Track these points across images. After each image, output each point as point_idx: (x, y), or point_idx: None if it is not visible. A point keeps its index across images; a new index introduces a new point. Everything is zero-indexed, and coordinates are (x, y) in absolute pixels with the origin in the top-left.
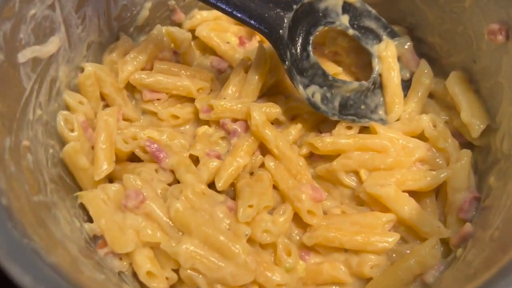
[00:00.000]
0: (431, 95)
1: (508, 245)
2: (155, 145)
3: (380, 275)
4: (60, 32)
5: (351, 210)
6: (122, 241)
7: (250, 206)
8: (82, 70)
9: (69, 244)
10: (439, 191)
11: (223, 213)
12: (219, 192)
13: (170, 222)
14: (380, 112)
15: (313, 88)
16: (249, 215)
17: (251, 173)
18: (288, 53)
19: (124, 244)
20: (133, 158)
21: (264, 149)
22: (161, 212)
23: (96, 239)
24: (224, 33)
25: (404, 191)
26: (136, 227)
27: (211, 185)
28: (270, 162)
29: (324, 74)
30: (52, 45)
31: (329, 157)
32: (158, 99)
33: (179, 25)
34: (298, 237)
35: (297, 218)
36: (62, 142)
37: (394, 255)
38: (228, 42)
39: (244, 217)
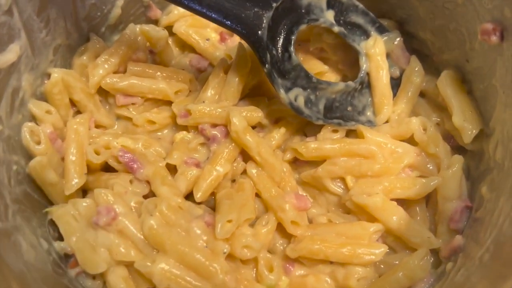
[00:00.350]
0: (422, 94)
1: (497, 277)
2: (129, 155)
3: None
4: (21, 38)
5: (338, 218)
6: (94, 260)
7: (229, 221)
8: (49, 76)
9: (31, 274)
10: (429, 198)
11: (200, 229)
12: (198, 202)
13: (145, 239)
14: (368, 114)
15: (296, 91)
16: (227, 232)
17: (233, 180)
18: (268, 55)
19: (96, 264)
20: (108, 166)
21: (246, 155)
22: (134, 229)
23: (68, 258)
24: (203, 29)
25: (392, 199)
26: (109, 245)
27: (190, 194)
28: (252, 170)
29: (308, 76)
30: (11, 54)
31: (315, 162)
32: (133, 104)
33: (156, 22)
34: (282, 247)
35: (281, 227)
36: (28, 156)
37: (382, 266)
38: (208, 39)
39: (222, 234)
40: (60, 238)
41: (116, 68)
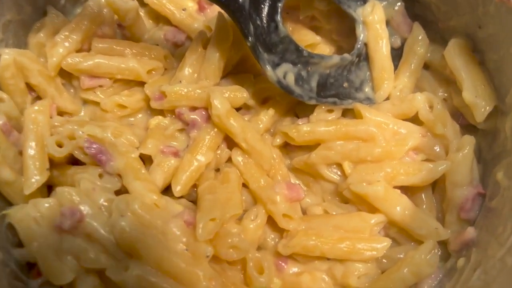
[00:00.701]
0: (426, 66)
1: None
2: (96, 146)
3: (369, 286)
4: None
5: (334, 208)
6: (59, 269)
7: (212, 220)
8: None
9: None
10: (436, 183)
11: (179, 229)
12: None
13: (116, 243)
14: (367, 90)
15: (285, 67)
16: (210, 232)
17: (217, 170)
18: (251, 25)
19: (62, 273)
20: (76, 158)
21: (230, 141)
22: (104, 232)
23: (30, 268)
24: None
25: (395, 187)
26: (76, 251)
27: (169, 188)
28: (238, 157)
29: (298, 49)
30: None
31: (308, 147)
32: (100, 86)
33: None
34: (273, 242)
35: (272, 220)
36: None
37: (384, 260)
38: (184, 9)
39: (204, 235)
40: (21, 244)
41: (79, 46)
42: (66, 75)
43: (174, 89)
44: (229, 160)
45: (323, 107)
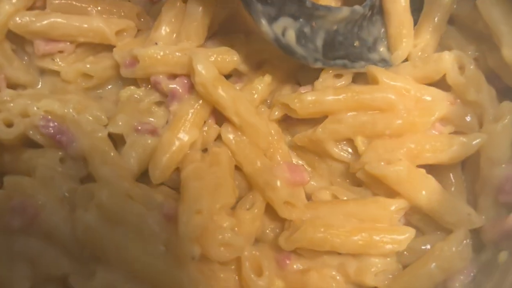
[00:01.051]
0: (452, 20)
1: None
2: (55, 124)
3: (389, 284)
4: None
5: (345, 193)
6: (10, 279)
7: (198, 212)
8: None
9: None
10: (467, 161)
11: (158, 225)
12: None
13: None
14: (381, 49)
15: (284, 21)
16: (195, 227)
17: (205, 150)
18: None
19: (13, 284)
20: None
21: (219, 115)
22: (65, 230)
23: None
24: None
25: (419, 166)
26: (30, 255)
27: (146, 173)
28: (228, 135)
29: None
30: None
31: (312, 119)
32: (60, 52)
33: None
34: (273, 234)
35: (271, 208)
36: None
37: (406, 253)
38: None
39: (189, 232)
40: None
41: (31, 2)
42: (17, 39)
43: (149, 52)
44: (219, 138)
45: (330, 71)
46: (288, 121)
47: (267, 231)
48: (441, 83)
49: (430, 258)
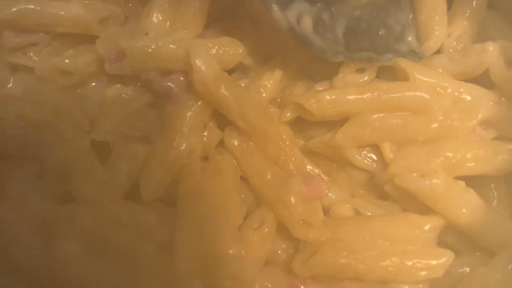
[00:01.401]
0: (492, 4)
1: None
2: (28, 131)
3: None
4: None
5: (369, 207)
6: None
7: (199, 239)
8: None
9: None
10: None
11: (151, 256)
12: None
13: None
14: (410, 39)
15: (299, 6)
16: (196, 258)
17: (205, 157)
18: None
19: None
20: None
21: (222, 118)
22: (40, 262)
23: None
24: None
25: (457, 178)
26: None
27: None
28: (233, 140)
29: None
30: None
31: (329, 122)
32: (33, 45)
33: None
34: (285, 255)
35: (283, 224)
36: None
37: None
38: None
39: (188, 263)
40: None
41: None
42: None
43: (138, 44)
44: (221, 144)
45: (352, 65)
46: (300, 123)
47: (279, 251)
48: (482, 79)
49: (469, 284)
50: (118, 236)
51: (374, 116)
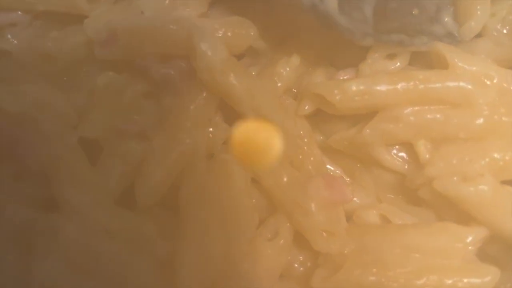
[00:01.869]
0: None
1: None
2: (5, 127)
3: None
4: None
5: (399, 214)
6: None
7: (204, 258)
8: None
9: None
10: None
11: (148, 276)
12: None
13: None
14: (446, 19)
15: None
16: (201, 279)
17: (210, 156)
18: None
19: None
20: None
21: (230, 111)
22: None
23: None
24: None
25: (503, 182)
26: None
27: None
28: None
29: None
30: None
31: (352, 116)
32: (11, 25)
33: None
34: (303, 268)
35: (300, 234)
36: None
37: None
38: None
39: (191, 284)
40: None
41: None
42: None
43: (132, 25)
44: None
45: (381, 50)
46: (320, 117)
47: (296, 264)
48: None
49: None
50: (109, 249)
51: (408, 109)
